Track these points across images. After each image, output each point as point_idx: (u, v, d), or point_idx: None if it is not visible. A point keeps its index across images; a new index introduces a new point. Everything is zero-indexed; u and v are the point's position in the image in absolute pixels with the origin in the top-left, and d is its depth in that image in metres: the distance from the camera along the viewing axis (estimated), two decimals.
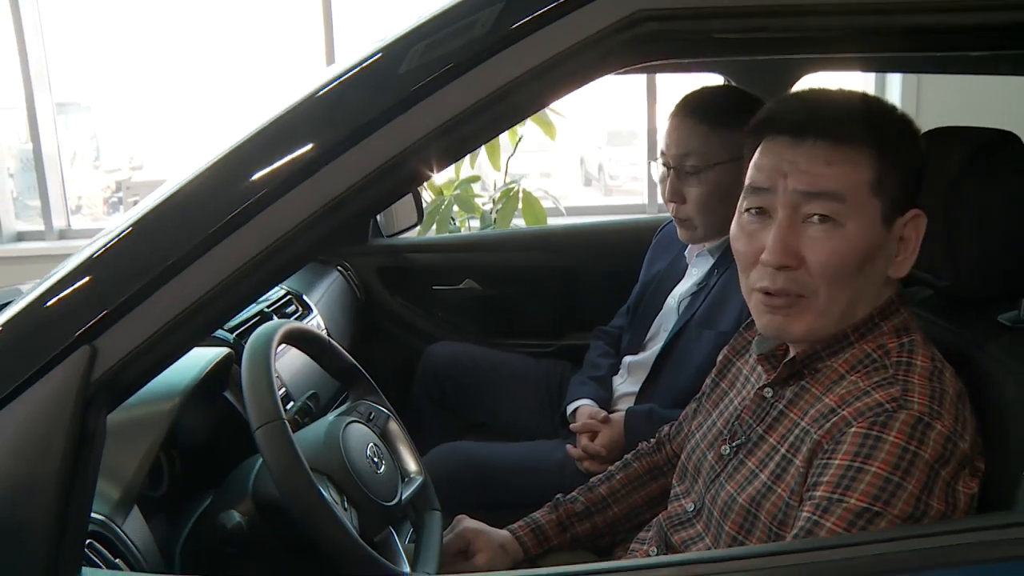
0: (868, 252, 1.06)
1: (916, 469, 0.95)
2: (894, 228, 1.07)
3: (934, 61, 2.00)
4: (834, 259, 1.05)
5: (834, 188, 1.05)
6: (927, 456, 0.96)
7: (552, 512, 1.49)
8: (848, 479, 0.97)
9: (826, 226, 1.05)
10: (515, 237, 3.01)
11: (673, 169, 1.83)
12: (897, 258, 1.08)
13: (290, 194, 0.88)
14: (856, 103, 1.12)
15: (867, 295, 1.10)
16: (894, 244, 1.08)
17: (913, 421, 0.97)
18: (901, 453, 0.96)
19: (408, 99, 0.87)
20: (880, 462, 0.96)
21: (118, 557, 1.06)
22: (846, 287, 1.07)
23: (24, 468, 0.86)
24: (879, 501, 0.95)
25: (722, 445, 1.21)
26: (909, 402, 0.99)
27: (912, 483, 0.95)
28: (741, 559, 0.91)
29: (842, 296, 1.07)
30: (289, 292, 2.06)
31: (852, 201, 1.05)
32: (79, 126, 6.39)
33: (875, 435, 0.98)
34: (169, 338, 0.89)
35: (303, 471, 1.13)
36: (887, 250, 1.08)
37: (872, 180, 1.05)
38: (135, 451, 1.21)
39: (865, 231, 1.05)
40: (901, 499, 0.95)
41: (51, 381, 0.87)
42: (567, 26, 0.86)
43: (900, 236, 1.08)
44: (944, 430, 0.97)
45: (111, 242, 0.91)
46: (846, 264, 1.05)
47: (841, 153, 1.05)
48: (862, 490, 0.95)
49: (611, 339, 2.23)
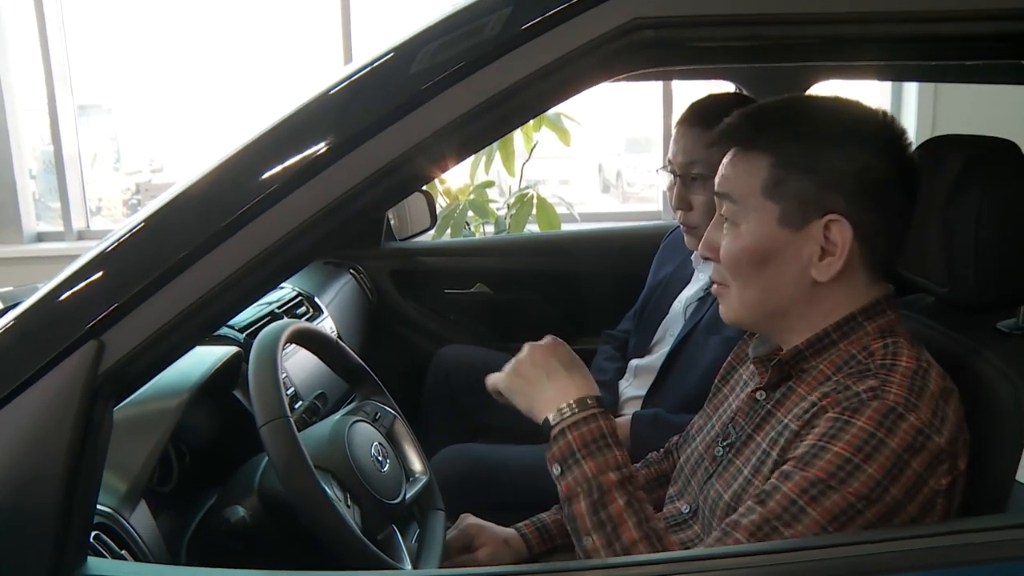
0: (764, 252, 1.11)
1: (880, 455, 0.97)
2: (806, 231, 1.09)
3: (946, 71, 2.00)
4: (729, 255, 1.14)
5: (728, 189, 1.14)
6: (894, 444, 0.97)
7: (559, 512, 1.49)
8: (811, 455, 0.99)
9: (729, 224, 1.14)
10: (526, 242, 3.03)
11: (679, 177, 1.84)
12: (822, 262, 1.09)
13: (296, 192, 0.90)
14: (774, 110, 1.16)
15: (788, 293, 1.12)
16: (811, 247, 1.09)
17: (885, 410, 0.99)
18: (867, 438, 0.98)
19: (409, 103, 0.89)
20: (843, 443, 0.98)
21: (124, 549, 1.09)
22: (750, 283, 1.13)
23: (32, 458, 0.88)
24: (834, 478, 0.97)
25: (716, 447, 1.23)
26: (886, 393, 1.01)
27: (873, 467, 0.96)
28: (725, 557, 0.92)
29: (752, 290, 1.13)
30: (300, 293, 2.08)
31: (744, 203, 1.12)
32: (100, 128, 6.44)
33: (844, 419, 1.00)
34: (175, 333, 0.91)
35: (307, 467, 1.15)
36: (798, 252, 1.10)
37: (765, 184, 1.10)
38: (143, 445, 1.23)
39: (757, 232, 1.11)
40: (858, 479, 0.96)
41: (60, 373, 0.89)
42: (563, 34, 0.87)
43: (824, 240, 1.08)
44: (917, 422, 0.99)
45: (120, 240, 0.93)
46: (741, 261, 1.13)
47: (741, 158, 1.13)
48: (820, 466, 0.98)
49: (618, 343, 2.24)
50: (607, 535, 1.06)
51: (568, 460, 1.11)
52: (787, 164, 1.09)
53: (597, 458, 1.10)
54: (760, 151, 1.11)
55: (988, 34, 0.92)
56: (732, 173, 1.14)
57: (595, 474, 1.09)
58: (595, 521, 1.07)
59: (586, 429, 1.12)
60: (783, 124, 1.12)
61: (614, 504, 1.07)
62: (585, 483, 1.09)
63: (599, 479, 1.09)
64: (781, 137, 1.11)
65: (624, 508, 1.07)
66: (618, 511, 1.07)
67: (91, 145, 5.57)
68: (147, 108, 6.36)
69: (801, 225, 1.09)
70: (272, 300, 1.95)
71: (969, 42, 0.96)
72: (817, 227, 1.08)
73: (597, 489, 1.09)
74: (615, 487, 1.09)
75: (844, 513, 0.97)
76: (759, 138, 1.12)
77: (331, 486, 1.23)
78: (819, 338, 1.12)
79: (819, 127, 1.11)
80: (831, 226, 1.08)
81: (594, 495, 1.08)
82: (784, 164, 1.09)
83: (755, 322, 1.19)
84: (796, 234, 1.09)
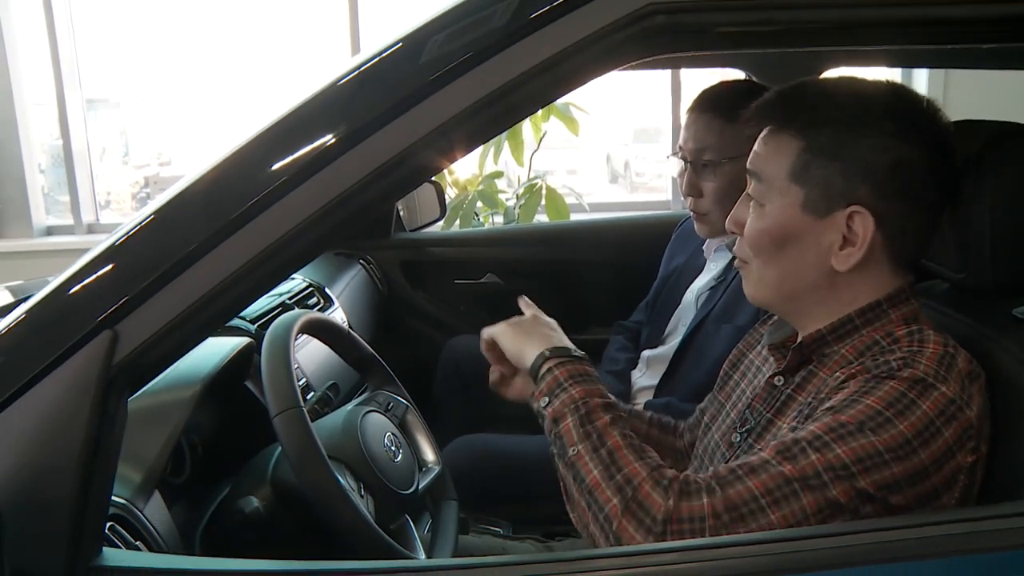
0: (785, 235, 1.10)
1: (911, 414, 0.95)
2: (829, 219, 1.08)
3: (958, 56, 1.99)
4: (752, 233, 1.13)
5: (757, 168, 1.13)
6: (925, 407, 0.96)
7: None
8: (842, 406, 0.98)
9: (754, 203, 1.14)
10: (536, 232, 3.03)
11: (690, 163, 1.84)
12: (842, 251, 1.08)
13: (305, 184, 0.90)
14: (809, 91, 1.14)
15: (807, 277, 1.11)
16: (833, 236, 1.08)
17: (916, 378, 0.98)
18: (899, 396, 0.97)
19: (417, 94, 0.89)
20: (875, 398, 0.97)
21: (138, 540, 1.09)
22: (770, 263, 1.13)
23: (47, 449, 0.88)
24: (864, 425, 0.95)
25: (733, 434, 1.22)
26: (916, 363, 1.00)
27: (904, 424, 0.95)
28: (740, 545, 0.91)
29: (771, 270, 1.13)
30: (311, 284, 2.09)
31: (771, 183, 1.11)
32: (109, 122, 6.45)
33: (876, 379, 0.99)
34: (188, 324, 0.91)
35: (320, 457, 1.16)
36: (819, 239, 1.09)
37: (793, 167, 1.09)
38: (157, 437, 1.23)
39: (780, 214, 1.10)
40: (888, 432, 0.95)
41: (74, 364, 0.89)
42: (577, 20, 0.87)
43: (846, 230, 1.07)
44: (949, 392, 0.98)
45: (131, 231, 0.93)
46: (762, 241, 1.12)
47: (774, 138, 1.12)
48: (851, 413, 0.97)
49: (630, 333, 2.24)
50: (592, 442, 1.06)
51: (555, 390, 1.13)
52: (816, 150, 1.07)
53: (584, 385, 1.12)
54: (791, 133, 1.10)
55: (1001, 16, 0.91)
56: (763, 152, 1.13)
57: (582, 396, 1.10)
58: (581, 433, 1.07)
59: (572, 367, 1.15)
60: (817, 107, 1.10)
61: (600, 420, 1.07)
62: (572, 404, 1.10)
63: (587, 400, 1.10)
64: (813, 121, 1.09)
65: (609, 423, 1.07)
66: (604, 424, 1.07)
67: (100, 139, 5.57)
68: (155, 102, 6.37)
69: (824, 213, 1.08)
70: (283, 291, 1.95)
71: (982, 25, 0.95)
72: (840, 217, 1.07)
73: (584, 407, 1.09)
74: (600, 408, 1.09)
75: (870, 458, 0.94)
76: (791, 120, 1.10)
77: (344, 476, 1.23)
78: (842, 323, 1.11)
79: (853, 114, 1.08)
80: (854, 217, 1.06)
81: (580, 411, 1.09)
82: (813, 149, 1.08)
83: (774, 302, 1.18)
84: (818, 222, 1.08)
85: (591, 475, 1.03)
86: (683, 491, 0.97)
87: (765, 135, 1.13)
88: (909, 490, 0.95)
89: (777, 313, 1.24)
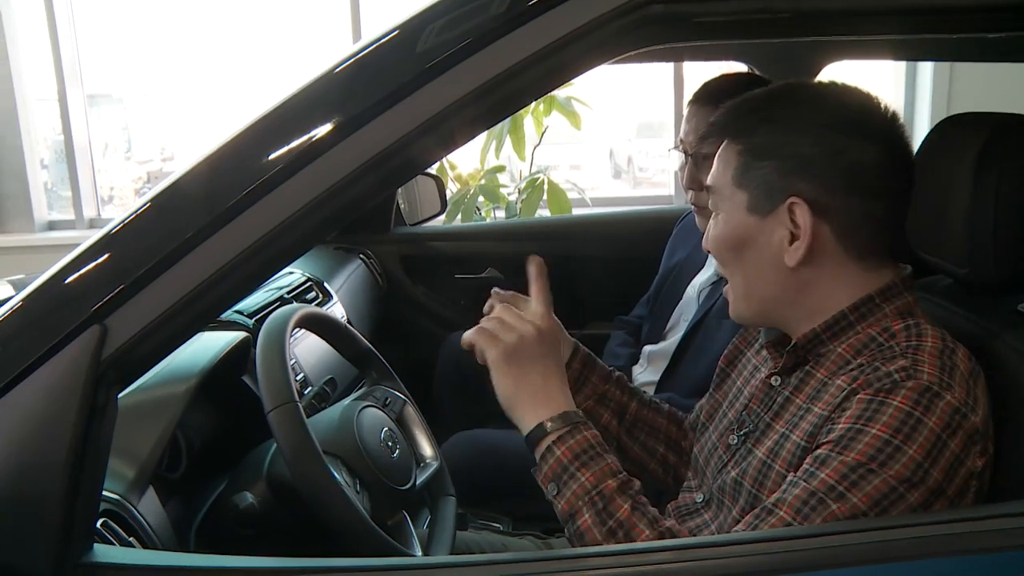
0: (738, 240, 1.12)
1: (919, 435, 0.95)
2: (772, 217, 1.09)
3: (962, 48, 1.97)
4: (712, 245, 1.17)
5: (712, 181, 1.17)
6: (932, 424, 0.95)
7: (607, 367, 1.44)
8: (848, 439, 0.97)
9: (713, 215, 1.17)
10: (537, 226, 3.02)
11: (690, 156, 1.82)
12: (791, 246, 1.08)
13: (299, 174, 0.89)
14: (750, 101, 1.15)
15: (769, 281, 1.13)
16: (780, 232, 1.09)
17: (921, 389, 0.97)
18: (904, 418, 0.95)
19: (414, 82, 0.88)
20: (881, 425, 0.96)
21: (132, 536, 1.08)
22: (735, 272, 1.16)
23: (37, 444, 0.87)
24: (875, 461, 0.94)
25: (730, 435, 1.21)
26: (919, 372, 0.98)
27: (914, 448, 0.94)
28: (738, 544, 0.90)
29: (737, 279, 1.16)
30: (310, 279, 2.07)
31: (720, 192, 1.15)
32: (111, 118, 6.45)
33: (879, 400, 0.97)
34: (178, 318, 0.90)
35: (315, 453, 1.15)
36: (769, 238, 1.10)
37: (735, 173, 1.12)
38: (151, 432, 1.22)
39: (730, 220, 1.13)
40: (899, 462, 0.94)
41: (63, 359, 0.88)
42: (575, 8, 0.86)
43: (791, 224, 1.08)
44: (954, 401, 0.97)
45: (122, 224, 0.92)
46: (720, 249, 1.16)
47: (723, 150, 1.15)
48: (860, 449, 0.95)
49: (631, 328, 2.23)
50: (619, 539, 1.02)
51: (562, 476, 1.06)
52: (753, 152, 1.10)
53: (592, 468, 1.06)
54: (732, 141, 1.13)
55: (1005, 4, 0.90)
56: (715, 166, 1.16)
57: (594, 484, 1.05)
58: (605, 532, 1.03)
59: (573, 442, 1.08)
60: (754, 112, 1.13)
61: (620, 510, 1.03)
62: (585, 495, 1.05)
63: (599, 488, 1.04)
64: (749, 125, 1.12)
65: (631, 511, 1.04)
66: (626, 515, 1.03)
67: (102, 134, 5.57)
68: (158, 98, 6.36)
69: (768, 211, 1.09)
70: (281, 285, 1.94)
71: (986, 13, 0.94)
72: (782, 212, 1.08)
73: (600, 498, 1.04)
74: (616, 492, 1.05)
75: (886, 498, 0.94)
76: (733, 129, 1.14)
77: (340, 471, 1.22)
78: (836, 320, 1.10)
79: (788, 113, 1.10)
80: (794, 209, 1.07)
81: (598, 505, 1.04)
82: (750, 152, 1.11)
83: (753, 315, 1.18)
84: (764, 220, 1.10)
85: None
86: None
87: (720, 149, 1.16)
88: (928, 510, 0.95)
89: (762, 326, 1.24)
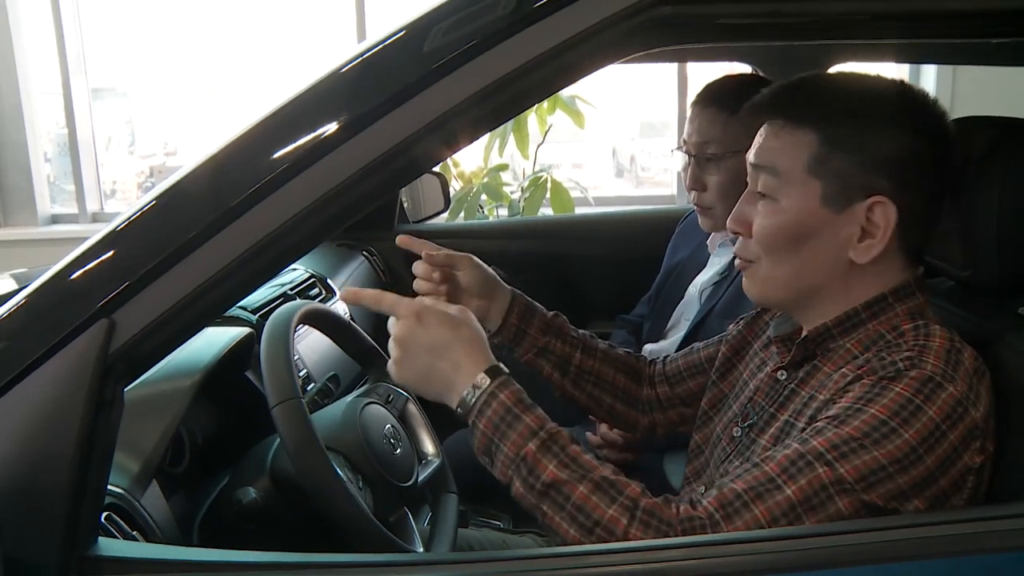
0: (803, 230, 1.09)
1: (917, 421, 0.94)
2: (849, 212, 1.07)
3: (966, 52, 1.97)
4: (764, 232, 1.11)
5: (770, 162, 1.10)
6: (932, 413, 0.95)
7: (549, 314, 1.45)
8: (846, 415, 0.97)
9: (765, 199, 1.11)
10: (540, 225, 3.02)
11: (693, 157, 1.83)
12: (861, 243, 1.07)
13: (306, 172, 0.90)
14: (823, 85, 1.14)
15: (822, 273, 1.11)
16: (852, 228, 1.07)
17: (924, 378, 0.97)
18: (904, 403, 0.95)
19: (421, 82, 0.88)
20: (880, 406, 0.96)
21: (135, 530, 1.09)
22: (784, 260, 1.11)
23: (43, 438, 0.88)
24: (868, 437, 0.94)
25: (734, 427, 1.21)
26: (923, 363, 0.99)
27: (910, 433, 0.94)
28: (743, 543, 0.91)
29: (783, 268, 1.11)
30: (313, 275, 2.08)
31: (787, 177, 1.09)
32: (115, 111, 6.45)
33: (882, 385, 0.98)
34: (185, 313, 0.91)
35: (318, 448, 1.15)
36: (837, 232, 1.08)
37: (811, 160, 1.07)
38: (155, 426, 1.23)
39: (798, 209, 1.08)
40: (893, 443, 0.94)
41: (71, 352, 0.89)
42: (582, 9, 0.86)
43: (866, 221, 1.07)
44: (956, 393, 0.97)
45: (129, 220, 0.93)
46: (777, 238, 1.10)
47: (787, 131, 1.10)
48: (855, 424, 0.95)
49: (632, 327, 2.23)
50: (553, 501, 1.00)
51: (490, 449, 1.04)
52: (834, 142, 1.07)
53: (510, 435, 1.03)
54: (808, 126, 1.08)
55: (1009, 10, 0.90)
56: (777, 145, 1.10)
57: (515, 452, 1.02)
58: (536, 494, 1.01)
59: (491, 412, 1.04)
60: (833, 100, 1.10)
61: (546, 471, 1.00)
62: (512, 464, 1.02)
63: (520, 455, 1.01)
64: (830, 114, 1.08)
65: (557, 470, 1.00)
66: (552, 476, 1.00)
67: (106, 128, 5.57)
68: (162, 92, 6.36)
69: (844, 205, 1.07)
70: (285, 282, 1.94)
71: (989, 19, 0.94)
72: (860, 208, 1.06)
73: (523, 465, 1.01)
74: (539, 453, 1.01)
75: (874, 474, 0.93)
76: (806, 113, 1.09)
77: (343, 468, 1.23)
78: (848, 316, 1.11)
79: (867, 106, 1.08)
80: (875, 208, 1.06)
81: (523, 471, 1.01)
82: (831, 142, 1.07)
83: (782, 300, 1.16)
84: (838, 215, 1.07)
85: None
86: (686, 531, 0.95)
87: (775, 129, 1.11)
88: (917, 497, 0.95)
89: (783, 309, 1.22)
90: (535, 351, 1.42)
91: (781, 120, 1.11)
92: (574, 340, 1.45)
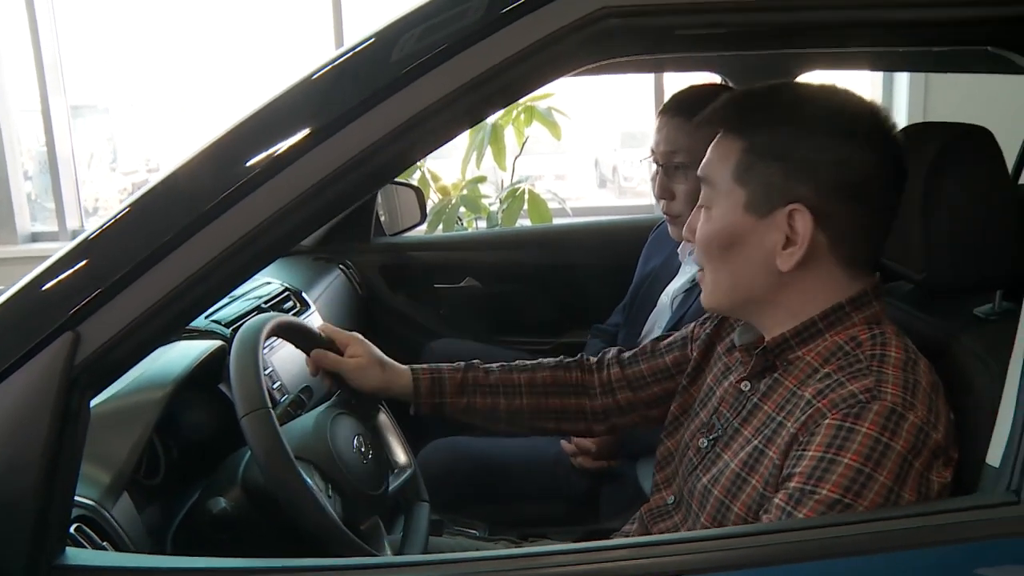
0: (730, 238, 1.11)
1: (888, 460, 0.96)
2: (771, 219, 1.08)
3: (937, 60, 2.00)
4: (700, 239, 1.15)
5: (706, 173, 1.14)
6: (899, 447, 0.96)
7: (459, 371, 1.47)
8: (821, 470, 0.98)
9: (704, 208, 1.15)
10: (515, 236, 3.05)
11: (662, 166, 1.85)
12: (785, 251, 1.08)
13: (274, 179, 0.91)
14: (763, 95, 1.15)
15: (757, 280, 1.12)
16: (775, 235, 1.08)
17: (887, 412, 0.98)
18: (873, 444, 0.97)
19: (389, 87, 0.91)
20: (852, 453, 0.97)
21: (105, 540, 1.09)
22: (720, 268, 1.14)
23: (9, 449, 0.89)
24: (850, 492, 0.95)
25: (700, 438, 1.23)
26: (883, 393, 1.00)
27: (884, 474, 0.96)
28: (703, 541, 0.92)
29: (721, 275, 1.14)
30: (288, 289, 2.08)
31: (716, 187, 1.12)
32: (96, 128, 6.45)
33: (848, 426, 0.98)
34: (151, 324, 0.92)
35: (286, 458, 1.16)
36: (762, 240, 1.09)
37: (736, 168, 1.10)
38: (126, 438, 1.24)
39: (725, 216, 1.11)
40: (872, 490, 0.95)
41: (36, 365, 0.90)
42: (532, 23, 0.89)
43: (788, 229, 1.07)
44: (917, 420, 0.98)
45: (94, 233, 0.94)
46: (708, 245, 1.14)
47: (720, 142, 1.14)
48: (834, 481, 0.96)
49: (607, 337, 2.24)
50: None
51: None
52: (758, 150, 1.09)
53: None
54: (736, 136, 1.11)
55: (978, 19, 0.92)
56: (712, 157, 1.14)
57: None
58: None
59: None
60: (761, 110, 1.12)
61: None
62: None
63: None
64: (756, 122, 1.10)
65: None
66: None
67: (88, 145, 5.57)
68: (143, 108, 6.36)
69: (766, 212, 1.08)
70: (259, 295, 1.95)
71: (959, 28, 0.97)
72: (781, 216, 1.07)
73: None
74: None
75: None
76: (736, 123, 1.12)
77: (313, 476, 1.24)
78: (805, 327, 1.11)
79: (796, 115, 1.09)
80: (794, 215, 1.07)
81: None
82: (755, 150, 1.09)
83: (728, 307, 1.19)
84: (760, 221, 1.09)
85: None
86: None
87: (716, 140, 1.14)
88: None
89: (734, 316, 1.25)
90: (459, 412, 1.46)
91: (721, 131, 1.14)
92: (492, 388, 1.47)
